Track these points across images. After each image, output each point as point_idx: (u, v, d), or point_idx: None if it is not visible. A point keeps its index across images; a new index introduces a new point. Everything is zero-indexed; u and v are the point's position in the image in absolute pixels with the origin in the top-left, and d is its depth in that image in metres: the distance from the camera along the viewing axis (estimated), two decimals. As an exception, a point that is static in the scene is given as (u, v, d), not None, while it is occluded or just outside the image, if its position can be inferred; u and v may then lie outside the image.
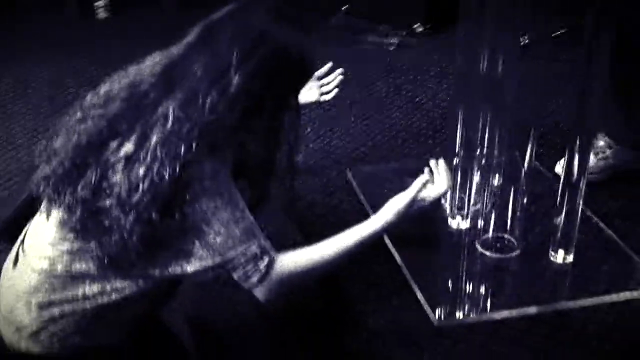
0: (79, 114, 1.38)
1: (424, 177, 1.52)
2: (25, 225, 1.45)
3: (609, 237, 1.83)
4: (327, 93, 1.79)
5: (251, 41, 1.32)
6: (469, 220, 1.85)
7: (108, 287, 1.36)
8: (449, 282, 1.70)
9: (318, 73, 1.74)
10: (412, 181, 1.50)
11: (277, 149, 1.41)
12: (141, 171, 1.27)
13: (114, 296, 1.37)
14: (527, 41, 1.65)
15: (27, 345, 1.39)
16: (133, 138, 1.30)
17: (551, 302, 1.63)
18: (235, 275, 1.36)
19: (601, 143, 2.09)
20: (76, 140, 1.35)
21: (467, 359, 1.49)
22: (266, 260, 1.35)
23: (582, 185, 1.65)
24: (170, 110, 1.29)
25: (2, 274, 1.46)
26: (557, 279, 1.71)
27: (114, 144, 1.32)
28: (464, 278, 1.73)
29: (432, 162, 1.60)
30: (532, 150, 1.72)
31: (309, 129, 2.38)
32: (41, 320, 1.37)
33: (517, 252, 1.78)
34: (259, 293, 1.37)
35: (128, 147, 1.30)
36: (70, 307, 1.36)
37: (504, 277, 1.73)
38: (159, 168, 1.26)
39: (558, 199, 1.68)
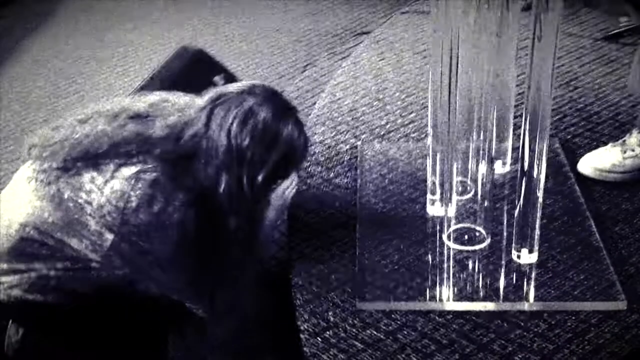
0: (85, 117, 1.42)
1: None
2: None
3: (593, 243, 1.66)
4: None
5: (266, 143, 1.39)
6: (444, 208, 1.76)
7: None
8: (394, 267, 1.64)
9: None
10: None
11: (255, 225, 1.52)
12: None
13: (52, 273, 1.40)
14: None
15: None
16: None
17: (489, 300, 1.52)
18: None
19: (632, 140, 1.87)
20: (73, 141, 1.38)
21: (365, 342, 1.45)
22: None
23: (540, 178, 1.51)
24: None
25: None
26: (508, 279, 1.59)
27: (106, 163, 1.36)
28: (409, 265, 1.64)
29: None
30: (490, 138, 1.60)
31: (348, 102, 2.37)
32: None
33: (483, 246, 1.67)
34: None
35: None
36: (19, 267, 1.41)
37: (452, 269, 1.62)
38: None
39: (517, 193, 1.56)
